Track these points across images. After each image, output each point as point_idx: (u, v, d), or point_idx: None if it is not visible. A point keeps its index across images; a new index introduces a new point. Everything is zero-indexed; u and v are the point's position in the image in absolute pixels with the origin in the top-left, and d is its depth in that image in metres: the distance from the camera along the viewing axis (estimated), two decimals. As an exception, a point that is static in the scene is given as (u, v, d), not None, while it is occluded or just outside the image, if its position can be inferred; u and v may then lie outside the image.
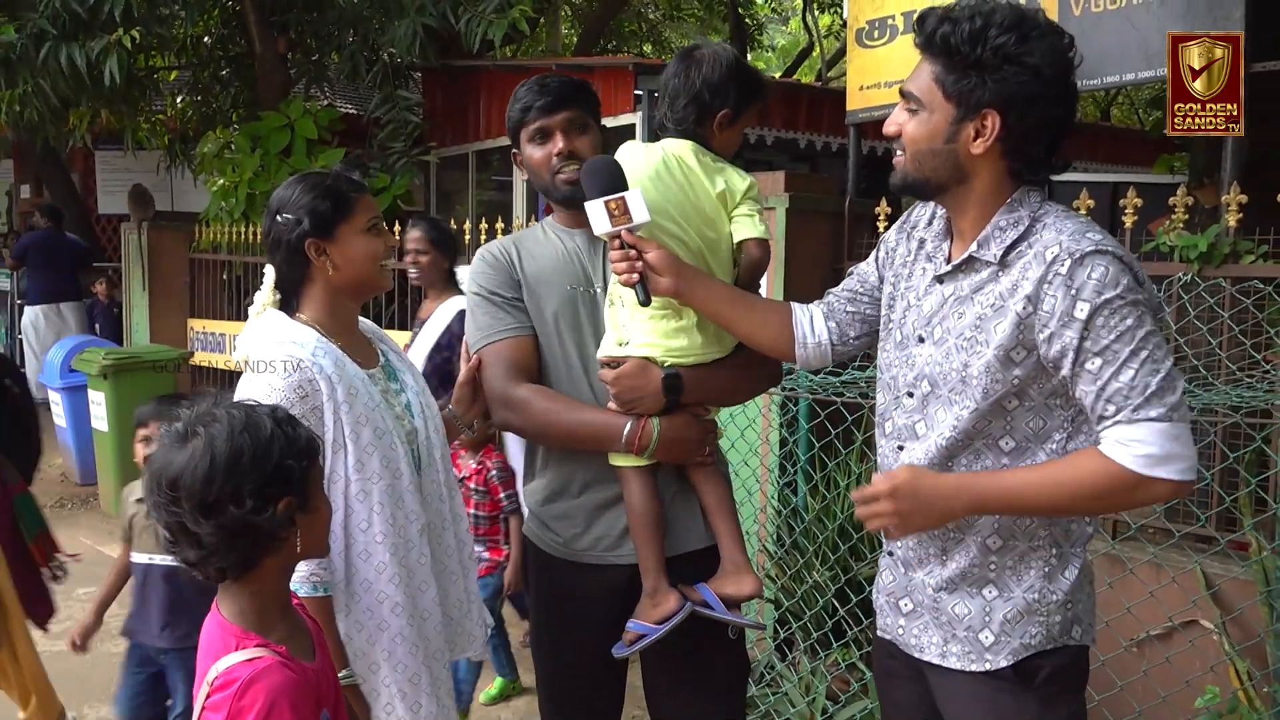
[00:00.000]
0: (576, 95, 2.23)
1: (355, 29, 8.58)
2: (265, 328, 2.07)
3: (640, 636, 2.10)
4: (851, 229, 4.45)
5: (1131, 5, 4.02)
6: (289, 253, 2.07)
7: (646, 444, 2.07)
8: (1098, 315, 1.59)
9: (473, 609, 2.26)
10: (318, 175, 2.12)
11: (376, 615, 1.99)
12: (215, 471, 1.48)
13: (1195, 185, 5.30)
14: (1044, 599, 1.76)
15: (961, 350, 1.73)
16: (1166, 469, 1.58)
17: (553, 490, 2.25)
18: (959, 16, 1.67)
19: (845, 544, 3.70)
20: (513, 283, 2.22)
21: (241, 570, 1.55)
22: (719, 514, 2.20)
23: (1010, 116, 1.65)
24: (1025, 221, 1.70)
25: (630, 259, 1.96)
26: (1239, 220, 3.37)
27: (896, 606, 1.91)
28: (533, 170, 2.25)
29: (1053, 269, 1.62)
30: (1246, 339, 3.27)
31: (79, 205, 11.84)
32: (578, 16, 16.55)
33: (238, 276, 8.03)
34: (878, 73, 4.95)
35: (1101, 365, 1.60)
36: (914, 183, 1.77)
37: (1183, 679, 3.16)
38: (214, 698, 1.47)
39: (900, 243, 1.96)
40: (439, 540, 2.18)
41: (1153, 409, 1.58)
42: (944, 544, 1.81)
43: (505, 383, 2.17)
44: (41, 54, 6.90)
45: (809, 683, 3.68)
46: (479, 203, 9.28)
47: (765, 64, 23.88)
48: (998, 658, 1.77)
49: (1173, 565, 3.28)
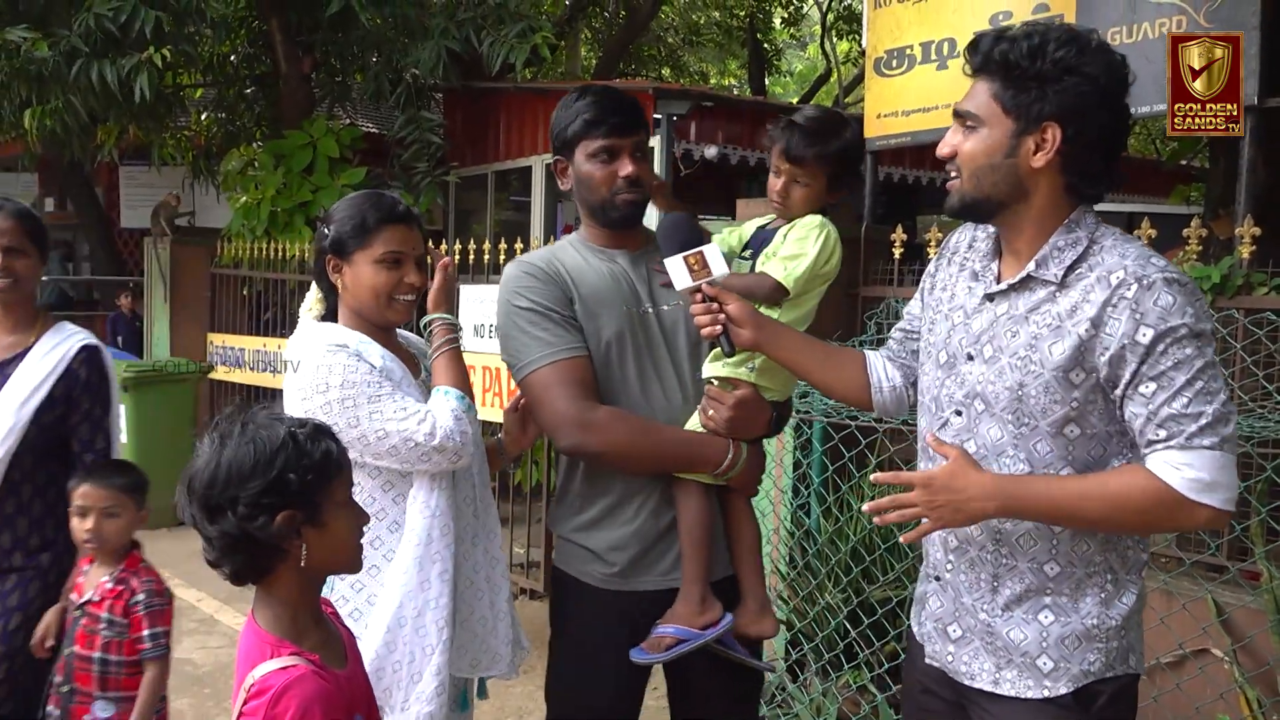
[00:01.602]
0: (642, 118, 2.22)
1: (379, 50, 8.69)
2: (310, 326, 2.18)
3: (679, 641, 2.10)
4: (868, 255, 4.49)
5: (1148, 40, 4.07)
6: (317, 263, 2.18)
7: (734, 467, 2.13)
8: (1160, 342, 1.60)
9: (499, 626, 2.20)
10: (366, 196, 2.15)
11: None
12: (217, 476, 1.53)
13: (1211, 216, 5.33)
14: (1103, 624, 1.74)
15: (1015, 370, 1.72)
16: (1212, 496, 1.60)
17: (599, 514, 2.19)
18: (1016, 35, 1.69)
19: (858, 566, 3.73)
20: (567, 299, 2.16)
21: (254, 576, 1.59)
22: (750, 552, 2.23)
23: (1070, 128, 1.66)
24: (1084, 242, 1.70)
25: (712, 312, 1.99)
26: (1253, 252, 3.40)
27: (945, 633, 1.87)
28: (589, 186, 2.19)
29: (1118, 293, 1.63)
30: (1259, 370, 3.29)
31: (102, 219, 11.98)
32: (597, 40, 16.70)
33: (258, 292, 8.11)
34: (895, 101, 5.01)
35: (1156, 390, 1.61)
36: (972, 202, 1.75)
37: (1193, 706, 3.17)
38: (250, 704, 1.51)
39: (939, 269, 1.97)
40: (466, 555, 2.16)
41: (1207, 438, 1.59)
42: (995, 570, 1.78)
43: (579, 404, 2.08)
44: (74, 70, 7.02)
45: (820, 704, 3.70)
46: (496, 222, 9.37)
47: (783, 89, 24.00)
48: (1057, 684, 1.74)
49: (1184, 593, 3.29)
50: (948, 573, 1.86)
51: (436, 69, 7.77)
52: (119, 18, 6.94)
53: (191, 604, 5.46)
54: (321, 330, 2.15)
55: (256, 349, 7.90)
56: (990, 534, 1.77)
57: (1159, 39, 4.04)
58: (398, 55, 8.34)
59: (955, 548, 1.83)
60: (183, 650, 4.85)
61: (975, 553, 1.80)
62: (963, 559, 1.82)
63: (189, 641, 4.94)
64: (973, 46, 1.74)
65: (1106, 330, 1.64)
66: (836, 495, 3.95)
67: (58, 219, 13.81)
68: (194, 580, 5.69)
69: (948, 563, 1.85)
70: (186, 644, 4.90)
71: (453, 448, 2.04)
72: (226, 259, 8.38)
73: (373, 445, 2.02)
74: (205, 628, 5.16)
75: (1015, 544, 1.75)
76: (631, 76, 15.59)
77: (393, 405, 2.03)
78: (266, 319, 8.01)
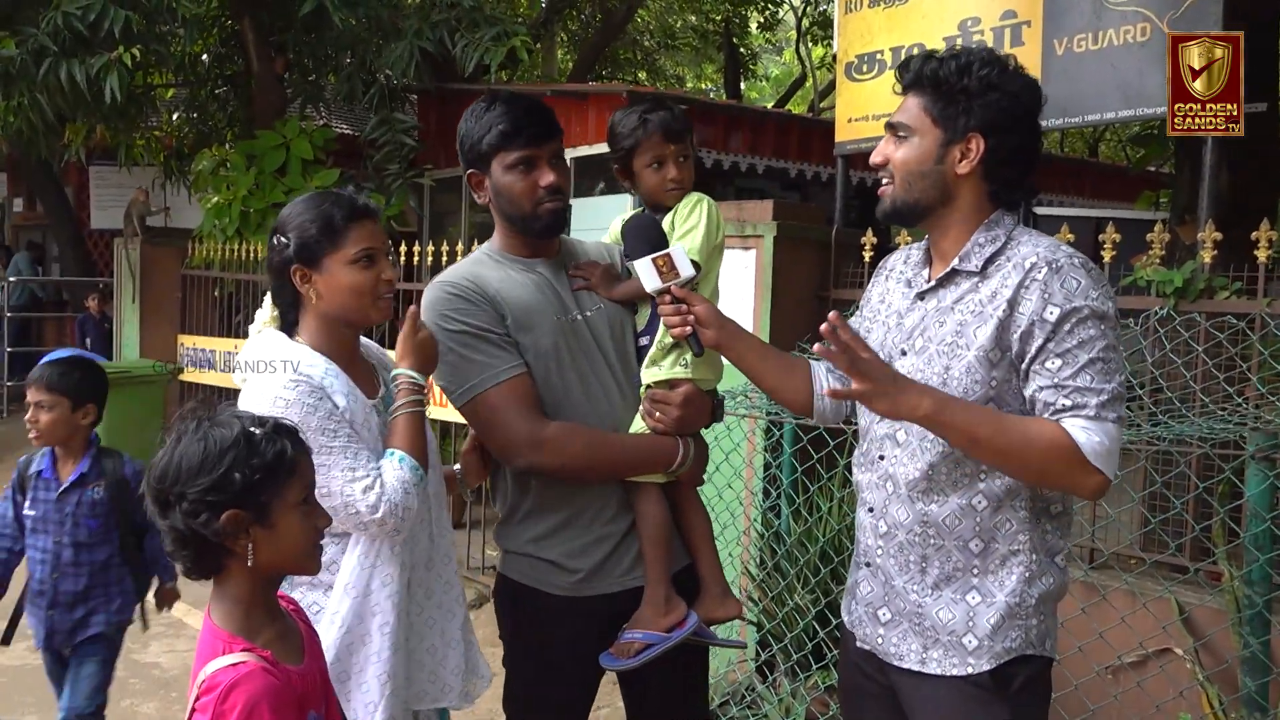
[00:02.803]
0: (556, 123, 2.19)
1: (353, 51, 8.66)
2: (270, 347, 2.02)
3: (647, 646, 2.12)
4: (838, 258, 4.52)
5: (1112, 47, 4.13)
6: (277, 276, 2.04)
7: (685, 462, 2.17)
8: (1066, 321, 1.73)
9: (450, 655, 2.13)
10: (319, 198, 2.04)
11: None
12: (168, 472, 1.54)
13: (1177, 222, 5.39)
14: (1023, 603, 1.82)
15: (942, 355, 1.83)
16: (1106, 464, 1.72)
17: (556, 525, 2.16)
18: (943, 55, 1.86)
19: (826, 567, 3.75)
20: (498, 317, 2.11)
21: (205, 572, 1.60)
22: (705, 539, 2.26)
23: (992, 139, 1.81)
24: (1002, 238, 1.85)
25: (682, 313, 2.03)
26: (1215, 257, 3.45)
27: (875, 616, 1.95)
28: (510, 198, 2.15)
29: (1030, 275, 1.77)
30: (1220, 373, 3.34)
31: (72, 220, 11.87)
32: (573, 43, 16.71)
33: (229, 294, 8.06)
34: (866, 106, 5.04)
35: (1061, 365, 1.74)
36: (903, 206, 1.89)
37: (1155, 705, 3.21)
38: (201, 700, 1.52)
39: (876, 284, 2.11)
40: (420, 581, 2.08)
41: (1110, 412, 1.72)
42: (924, 551, 1.87)
43: (529, 423, 2.07)
44: (42, 70, 6.95)
45: (789, 705, 3.72)
46: (472, 225, 9.36)
47: (758, 94, 24.11)
48: (980, 661, 1.82)
49: (1146, 593, 3.33)
50: (878, 557, 1.95)
51: (409, 70, 7.76)
52: (88, 17, 6.87)
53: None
54: (287, 351, 2.00)
55: (227, 351, 7.85)
56: (918, 517, 1.87)
57: (1123, 46, 4.09)
58: (371, 56, 8.32)
59: (884, 533, 1.92)
60: (150, 654, 4.82)
61: (904, 536, 1.89)
62: (891, 543, 1.91)
63: (156, 645, 4.90)
64: (904, 66, 1.90)
65: (1020, 310, 1.76)
66: (806, 496, 3.97)
67: (27, 219, 13.71)
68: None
69: (878, 548, 1.94)
70: (154, 648, 4.87)
71: (393, 524, 1.93)
72: (198, 260, 8.33)
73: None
74: (173, 631, 5.11)
75: (941, 524, 1.85)
76: (608, 79, 15.62)
77: (343, 463, 1.91)
78: (238, 321, 7.96)
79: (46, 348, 10.25)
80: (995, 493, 1.82)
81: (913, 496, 1.87)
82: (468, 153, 2.21)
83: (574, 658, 2.19)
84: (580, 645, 2.18)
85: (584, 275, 2.25)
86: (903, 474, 1.88)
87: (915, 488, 1.86)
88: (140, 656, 4.77)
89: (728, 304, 2.35)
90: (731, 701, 3.95)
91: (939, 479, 1.84)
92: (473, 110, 2.20)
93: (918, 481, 1.85)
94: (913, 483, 1.86)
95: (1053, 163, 11.26)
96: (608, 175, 7.76)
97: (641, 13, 15.74)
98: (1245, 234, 3.35)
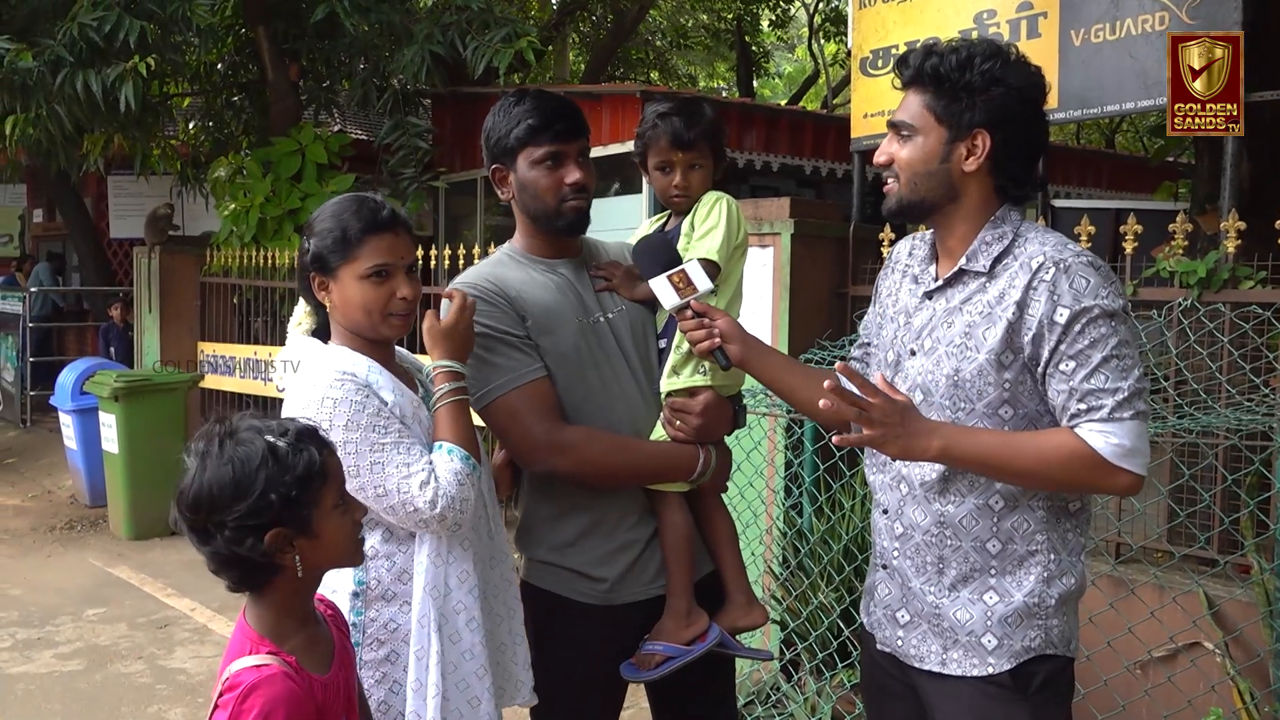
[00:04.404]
0: (584, 122, 2.17)
1: (366, 57, 8.70)
2: (310, 350, 2.01)
3: (668, 659, 2.10)
4: (856, 254, 4.50)
5: (1130, 36, 4.09)
6: (301, 280, 2.02)
7: (707, 470, 2.14)
8: (1076, 322, 1.71)
9: (519, 651, 2.10)
10: (345, 204, 1.96)
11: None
12: (200, 500, 1.52)
13: (1198, 212, 5.35)
14: (1043, 602, 1.81)
15: (951, 357, 1.81)
16: (1132, 462, 1.70)
17: (578, 533, 2.14)
18: (943, 50, 1.82)
19: (850, 565, 3.73)
20: (519, 319, 2.08)
21: (255, 586, 1.60)
22: (729, 546, 2.23)
23: (998, 134, 1.79)
24: (1009, 236, 1.82)
25: (705, 327, 2.00)
26: (1238, 246, 3.42)
27: (894, 619, 1.94)
28: (534, 194, 2.13)
29: (1038, 276, 1.74)
30: (1246, 363, 3.31)
31: (91, 229, 11.96)
32: (585, 44, 16.72)
33: (248, 300, 8.11)
34: (881, 101, 5.01)
35: (1075, 367, 1.72)
36: (908, 205, 1.87)
37: (1185, 699, 3.18)
38: (223, 697, 1.54)
39: (885, 279, 2.08)
40: (485, 579, 2.03)
41: (1126, 410, 1.70)
42: (941, 552, 1.85)
43: (549, 426, 2.05)
44: (58, 80, 7.00)
45: (814, 703, 3.70)
46: (487, 227, 9.38)
47: (771, 91, 24.07)
48: (1000, 661, 1.81)
49: (1174, 587, 3.30)
50: (895, 559, 1.93)
51: (421, 73, 7.78)
52: (103, 27, 6.92)
53: (185, 613, 5.44)
54: (327, 354, 1.97)
55: (247, 357, 7.90)
56: (934, 518, 1.85)
57: (1142, 35, 4.05)
58: (384, 61, 8.34)
59: (900, 534, 1.91)
60: (176, 660, 4.84)
61: (920, 537, 1.87)
62: (908, 544, 1.89)
63: (182, 651, 4.93)
64: (903, 62, 1.86)
65: (1029, 312, 1.75)
66: (828, 494, 3.95)
67: (47, 229, 13.84)
68: (187, 590, 5.67)
69: (894, 549, 1.92)
70: (180, 654, 4.89)
71: (453, 518, 1.89)
72: (216, 267, 8.37)
73: (370, 499, 1.86)
74: (198, 637, 5.14)
75: (958, 525, 1.83)
76: (620, 80, 15.62)
77: (397, 459, 1.86)
78: (256, 327, 8.00)
79: (68, 357, 10.33)
80: (1012, 493, 1.80)
81: (929, 497, 1.85)
82: (493, 147, 2.16)
83: (604, 665, 2.17)
84: (610, 652, 2.16)
85: (605, 275, 2.22)
86: (917, 475, 1.86)
87: (931, 489, 1.84)
88: (166, 663, 4.80)
89: (746, 302, 2.32)
90: (756, 701, 3.94)
91: (955, 480, 1.82)
92: (500, 105, 2.17)
93: (933, 483, 1.84)
94: (928, 484, 1.84)
95: (1070, 154, 11.19)
96: (622, 176, 7.80)
97: (653, 12, 15.72)
98: (1267, 223, 3.32)
